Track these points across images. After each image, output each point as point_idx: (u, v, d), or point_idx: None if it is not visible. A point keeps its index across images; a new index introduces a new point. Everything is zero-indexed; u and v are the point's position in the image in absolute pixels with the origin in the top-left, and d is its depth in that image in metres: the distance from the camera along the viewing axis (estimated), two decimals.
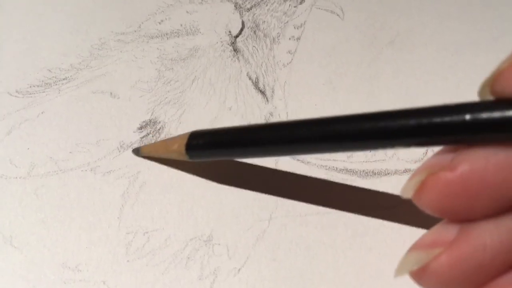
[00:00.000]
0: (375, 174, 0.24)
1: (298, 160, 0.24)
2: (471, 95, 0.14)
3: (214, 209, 0.22)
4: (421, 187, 0.13)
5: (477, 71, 0.28)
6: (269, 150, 0.19)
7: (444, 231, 0.13)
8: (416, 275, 0.14)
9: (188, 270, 0.21)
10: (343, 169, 0.24)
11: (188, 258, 0.21)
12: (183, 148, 0.21)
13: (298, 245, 0.22)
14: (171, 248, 0.21)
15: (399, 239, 0.22)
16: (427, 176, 0.13)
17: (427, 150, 0.24)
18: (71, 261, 0.21)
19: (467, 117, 0.13)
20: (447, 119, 0.13)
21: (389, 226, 0.22)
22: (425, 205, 0.13)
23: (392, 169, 0.24)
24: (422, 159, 0.24)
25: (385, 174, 0.24)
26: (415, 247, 0.14)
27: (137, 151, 0.24)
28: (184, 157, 0.21)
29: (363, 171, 0.24)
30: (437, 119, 0.13)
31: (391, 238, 0.22)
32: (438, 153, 0.14)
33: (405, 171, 0.24)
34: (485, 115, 0.12)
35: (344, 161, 0.24)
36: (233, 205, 0.23)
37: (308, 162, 0.24)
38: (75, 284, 0.20)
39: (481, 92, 0.13)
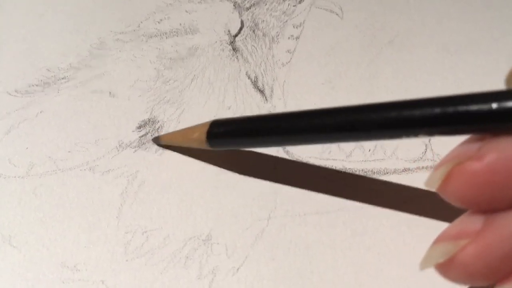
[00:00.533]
0: (374, 173, 0.24)
1: (297, 159, 0.24)
2: None
3: (213, 208, 0.22)
4: (447, 178, 0.13)
5: (477, 71, 0.28)
6: (291, 139, 0.19)
7: (470, 222, 0.13)
8: (443, 268, 0.13)
9: (187, 269, 0.21)
10: (342, 168, 0.24)
11: (187, 257, 0.21)
12: (203, 137, 0.21)
13: (297, 245, 0.22)
14: (170, 247, 0.21)
15: (399, 239, 0.22)
16: (453, 166, 0.13)
17: (426, 149, 0.24)
18: (70, 261, 0.21)
19: (494, 105, 0.13)
20: (473, 107, 0.13)
21: (389, 225, 0.22)
22: (451, 196, 0.13)
23: (391, 168, 0.24)
24: (421, 158, 0.24)
25: (384, 173, 0.24)
26: (441, 239, 0.14)
27: (157, 140, 0.24)
28: (204, 145, 0.21)
29: (362, 170, 0.24)
30: (463, 107, 0.13)
31: (391, 238, 0.22)
32: (463, 143, 0.14)
33: (404, 170, 0.24)
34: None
35: (343, 160, 0.24)
36: (232, 204, 0.23)
37: (307, 161, 0.24)
38: (74, 283, 0.20)
39: (508, 80, 0.13)
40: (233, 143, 0.21)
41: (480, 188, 0.13)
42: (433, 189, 0.14)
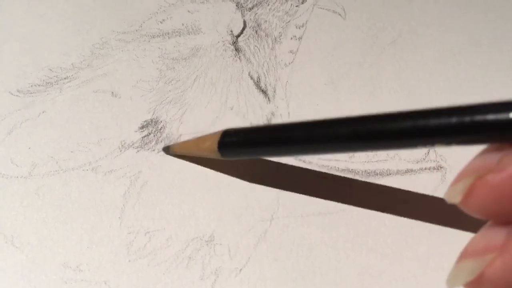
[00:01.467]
0: (377, 174, 0.24)
1: (300, 160, 0.24)
2: (473, 96, 0.14)
3: (216, 209, 0.22)
4: (469, 192, 0.13)
5: (479, 71, 0.28)
6: (303, 149, 0.19)
7: (493, 235, 0.13)
8: (473, 286, 0.13)
9: (190, 270, 0.21)
10: (345, 169, 0.24)
11: (190, 258, 0.21)
12: (215, 146, 0.21)
13: (299, 246, 0.22)
14: (173, 248, 0.21)
15: (401, 240, 0.22)
16: (474, 180, 0.13)
17: (428, 150, 0.24)
18: (72, 261, 0.21)
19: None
20: (490, 116, 0.13)
21: (391, 226, 0.22)
22: (474, 210, 0.13)
23: (394, 169, 0.24)
24: (424, 159, 0.24)
25: (387, 175, 0.24)
26: (466, 255, 0.13)
27: (167, 149, 0.24)
28: (216, 155, 0.21)
29: (365, 171, 0.24)
30: (480, 117, 0.13)
31: (393, 239, 0.22)
32: (482, 154, 0.13)
33: (407, 171, 0.24)
34: None
35: (346, 161, 0.24)
36: (235, 205, 0.23)
37: (310, 162, 0.24)
38: (77, 284, 0.20)
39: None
40: (245, 153, 0.21)
41: (504, 200, 0.12)
42: (454, 203, 0.13)
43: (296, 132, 0.19)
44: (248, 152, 0.21)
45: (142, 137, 0.24)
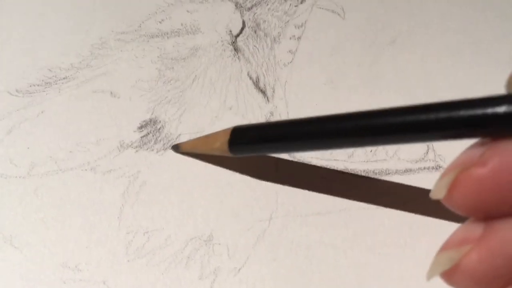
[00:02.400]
0: (376, 174, 0.24)
1: (298, 160, 0.24)
2: (473, 95, 0.14)
3: (215, 208, 0.22)
4: (453, 186, 0.13)
5: (478, 71, 0.28)
6: (314, 144, 0.19)
7: (472, 229, 0.13)
8: (448, 275, 0.13)
9: (188, 270, 0.21)
10: (344, 169, 0.24)
11: (188, 257, 0.21)
12: (225, 145, 0.21)
13: (298, 245, 0.22)
14: (171, 247, 0.21)
15: (400, 239, 0.22)
16: (458, 173, 0.13)
17: (427, 149, 0.24)
18: (71, 261, 0.21)
19: (497, 109, 0.13)
20: (477, 111, 0.13)
21: (390, 226, 0.22)
22: (457, 205, 0.13)
23: (392, 169, 0.24)
24: (423, 159, 0.24)
25: (386, 174, 0.24)
26: (444, 247, 0.14)
27: (176, 148, 0.24)
28: (226, 153, 0.21)
29: (364, 170, 0.24)
30: (466, 112, 0.13)
31: (392, 238, 0.22)
32: (468, 149, 0.14)
33: (406, 171, 0.24)
34: None
35: (345, 161, 0.24)
36: (234, 204, 0.23)
37: (308, 162, 0.24)
38: (75, 284, 0.20)
39: (508, 85, 0.13)
40: (256, 149, 0.21)
41: (485, 194, 0.12)
42: (439, 198, 0.13)
43: (306, 128, 0.19)
44: (259, 148, 0.21)
45: (141, 137, 0.24)
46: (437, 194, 0.14)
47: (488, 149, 0.13)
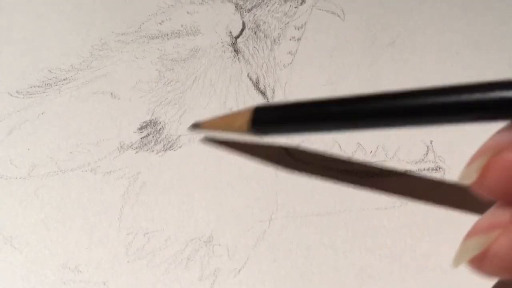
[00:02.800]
0: (375, 175, 0.24)
1: (298, 160, 0.24)
2: None
3: (215, 209, 0.22)
4: (484, 170, 0.13)
5: (478, 72, 0.28)
6: (338, 124, 0.18)
7: (500, 214, 0.13)
8: (477, 262, 0.13)
9: (188, 270, 0.21)
10: (344, 170, 0.24)
11: (188, 258, 0.21)
12: (246, 124, 0.20)
13: (298, 246, 0.22)
14: (171, 248, 0.21)
15: (400, 240, 0.22)
16: (490, 158, 0.13)
17: (427, 150, 0.24)
18: (71, 262, 0.21)
19: None
20: (508, 93, 0.13)
21: (390, 227, 0.22)
22: (488, 189, 0.13)
23: (392, 170, 0.24)
24: (422, 160, 0.24)
25: (386, 175, 0.24)
26: (472, 233, 0.13)
27: (196, 126, 0.23)
28: (248, 132, 0.21)
29: (364, 171, 0.24)
30: (497, 94, 0.13)
31: (392, 239, 0.22)
32: (497, 133, 0.13)
33: (406, 171, 0.24)
34: None
35: (344, 162, 0.24)
36: (233, 205, 0.23)
37: (308, 162, 0.24)
38: (75, 284, 0.20)
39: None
40: (278, 130, 0.21)
41: None
42: (468, 183, 0.13)
43: (332, 107, 0.18)
44: (281, 129, 0.20)
45: (141, 138, 0.24)
46: (467, 178, 0.13)
47: None
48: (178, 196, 0.23)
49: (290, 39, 0.28)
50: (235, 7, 0.29)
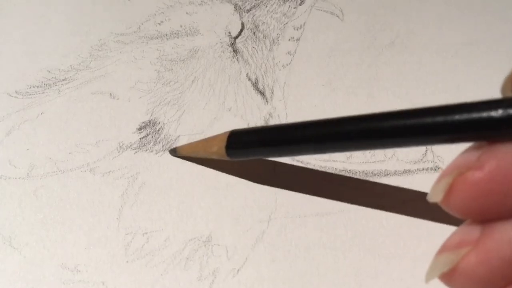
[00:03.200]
0: (374, 175, 0.24)
1: (297, 161, 0.24)
2: (471, 97, 0.14)
3: (213, 209, 0.22)
4: (450, 189, 0.13)
5: (477, 72, 0.28)
6: (311, 148, 0.19)
7: (469, 231, 0.13)
8: (447, 277, 0.13)
9: (187, 271, 0.21)
10: (343, 170, 0.24)
11: (187, 258, 0.21)
12: (223, 149, 0.21)
13: (297, 246, 0.22)
14: (170, 248, 0.21)
15: (399, 241, 0.22)
16: (454, 177, 0.13)
17: (426, 150, 0.24)
18: (70, 262, 0.21)
19: (493, 113, 0.13)
20: (473, 115, 0.13)
21: (389, 227, 0.22)
22: (455, 208, 0.13)
23: (391, 170, 0.24)
24: (421, 160, 0.24)
25: (385, 175, 0.24)
26: (442, 249, 0.14)
27: (174, 152, 0.24)
28: (224, 157, 0.21)
29: (363, 172, 0.24)
30: (463, 116, 0.13)
31: (391, 239, 0.22)
32: (464, 152, 0.14)
33: (405, 172, 0.24)
34: (509, 111, 0.12)
35: (343, 162, 0.24)
36: (233, 206, 0.23)
37: (307, 163, 0.24)
38: (74, 284, 0.20)
39: (503, 90, 0.13)
40: (253, 153, 0.21)
41: (482, 198, 0.13)
42: (436, 202, 0.14)
43: (305, 131, 0.19)
44: (256, 152, 0.21)
45: (140, 138, 0.24)
46: (434, 197, 0.14)
47: (484, 152, 0.13)
48: (177, 196, 0.23)
49: (289, 40, 0.28)
50: (234, 7, 0.29)
